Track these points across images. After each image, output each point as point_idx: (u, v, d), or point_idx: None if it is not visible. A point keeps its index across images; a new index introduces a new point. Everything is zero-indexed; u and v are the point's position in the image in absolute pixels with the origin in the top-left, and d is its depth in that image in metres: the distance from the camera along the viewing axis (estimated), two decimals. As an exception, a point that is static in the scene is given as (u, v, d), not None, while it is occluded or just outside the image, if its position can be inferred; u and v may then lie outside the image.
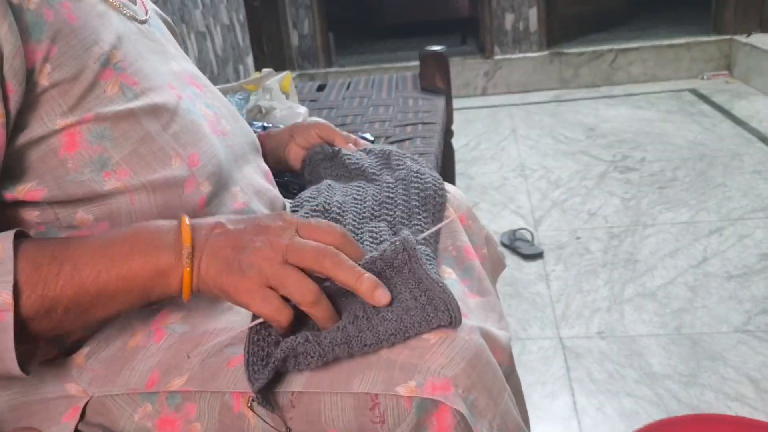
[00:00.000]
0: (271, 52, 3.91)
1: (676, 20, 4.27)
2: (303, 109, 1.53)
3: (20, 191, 0.60)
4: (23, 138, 0.59)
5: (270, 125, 1.26)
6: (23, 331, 0.55)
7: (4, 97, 0.56)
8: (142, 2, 0.77)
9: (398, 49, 4.52)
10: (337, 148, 0.92)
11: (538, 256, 1.99)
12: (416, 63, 2.00)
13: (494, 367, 0.60)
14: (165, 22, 0.85)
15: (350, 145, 0.94)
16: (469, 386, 0.57)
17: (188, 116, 0.69)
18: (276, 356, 0.56)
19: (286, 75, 1.65)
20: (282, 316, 0.56)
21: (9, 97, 0.56)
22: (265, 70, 1.64)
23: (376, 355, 0.57)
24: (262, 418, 0.59)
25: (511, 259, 1.99)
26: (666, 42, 3.82)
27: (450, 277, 0.74)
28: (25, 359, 0.57)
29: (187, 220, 0.60)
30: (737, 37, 3.68)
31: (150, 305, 0.63)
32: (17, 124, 0.58)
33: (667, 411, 1.33)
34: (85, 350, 0.65)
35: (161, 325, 0.66)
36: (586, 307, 1.72)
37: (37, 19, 0.58)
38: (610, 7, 4.31)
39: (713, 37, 3.78)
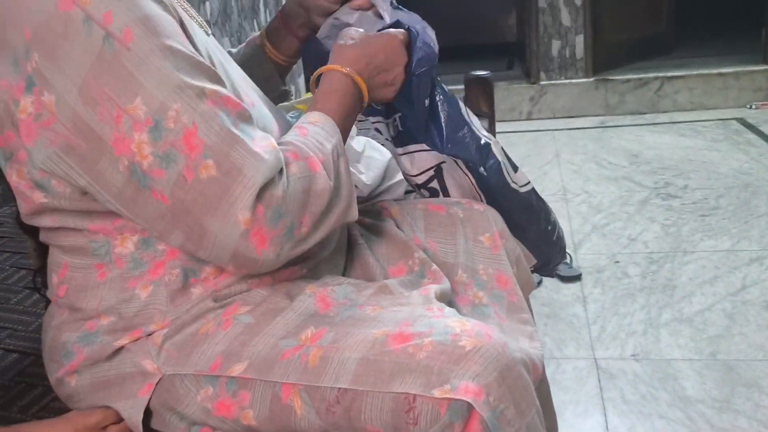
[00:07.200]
0: (321, 73, 4.03)
1: (724, 49, 4.23)
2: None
3: None
4: None
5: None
6: None
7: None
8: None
9: (446, 72, 4.59)
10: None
11: (576, 278, 2.02)
12: (462, 86, 2.07)
13: (525, 382, 0.64)
14: None
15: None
16: (499, 396, 0.61)
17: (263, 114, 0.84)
18: None
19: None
20: None
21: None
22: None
23: (416, 360, 0.63)
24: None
25: (548, 281, 2.02)
26: (714, 71, 3.80)
27: (480, 301, 0.79)
28: None
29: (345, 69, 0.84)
30: (788, 67, 3.65)
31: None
32: None
33: (698, 434, 1.35)
34: (163, 332, 0.73)
35: (230, 316, 0.73)
36: (622, 329, 1.75)
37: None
38: (657, 35, 4.31)
39: (763, 67, 3.76)
